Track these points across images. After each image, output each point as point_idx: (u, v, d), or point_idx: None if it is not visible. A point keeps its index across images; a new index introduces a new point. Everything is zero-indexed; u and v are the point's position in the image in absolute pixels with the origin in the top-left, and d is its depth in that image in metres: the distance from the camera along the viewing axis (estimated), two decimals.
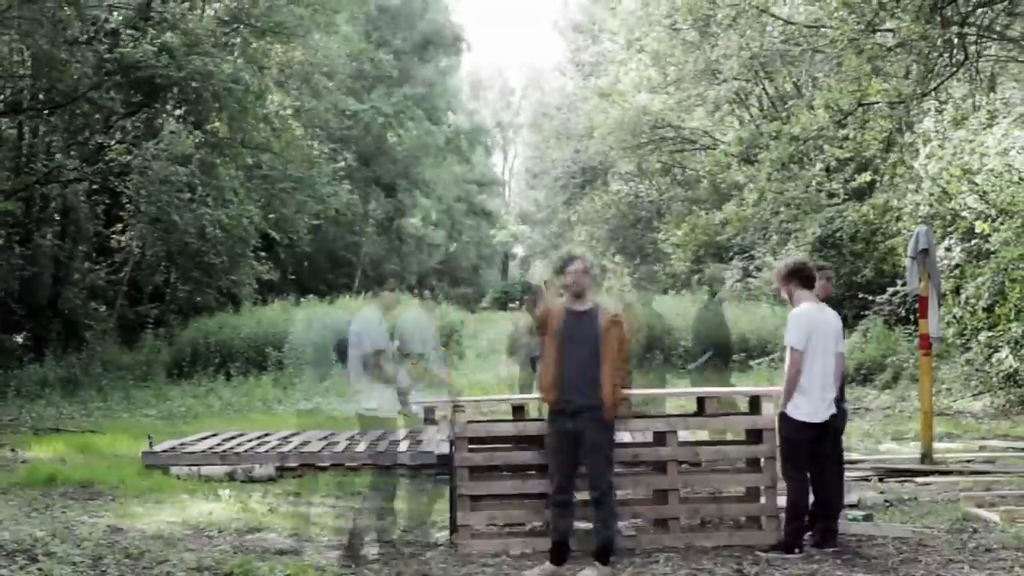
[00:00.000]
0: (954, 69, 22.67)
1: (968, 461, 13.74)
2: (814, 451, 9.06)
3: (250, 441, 15.01)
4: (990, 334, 20.23)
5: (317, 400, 23.61)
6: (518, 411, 10.34)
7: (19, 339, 26.72)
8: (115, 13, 26.29)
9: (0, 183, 24.03)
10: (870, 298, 25.82)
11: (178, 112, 27.95)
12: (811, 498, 9.13)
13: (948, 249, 21.30)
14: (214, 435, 15.79)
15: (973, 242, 21.49)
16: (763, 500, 9.51)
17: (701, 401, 9.98)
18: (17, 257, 25.66)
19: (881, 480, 12.66)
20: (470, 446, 9.41)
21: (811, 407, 8.95)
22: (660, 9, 34.03)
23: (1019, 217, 20.06)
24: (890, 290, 25.13)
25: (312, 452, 14.11)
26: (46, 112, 27.21)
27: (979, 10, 22.16)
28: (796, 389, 8.96)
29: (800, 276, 9.29)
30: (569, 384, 8.44)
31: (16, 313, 27.04)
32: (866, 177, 27.63)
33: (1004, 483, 12.18)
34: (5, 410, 21.33)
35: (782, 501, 9.26)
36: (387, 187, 51.65)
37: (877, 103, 25.08)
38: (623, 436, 10.72)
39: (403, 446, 14.26)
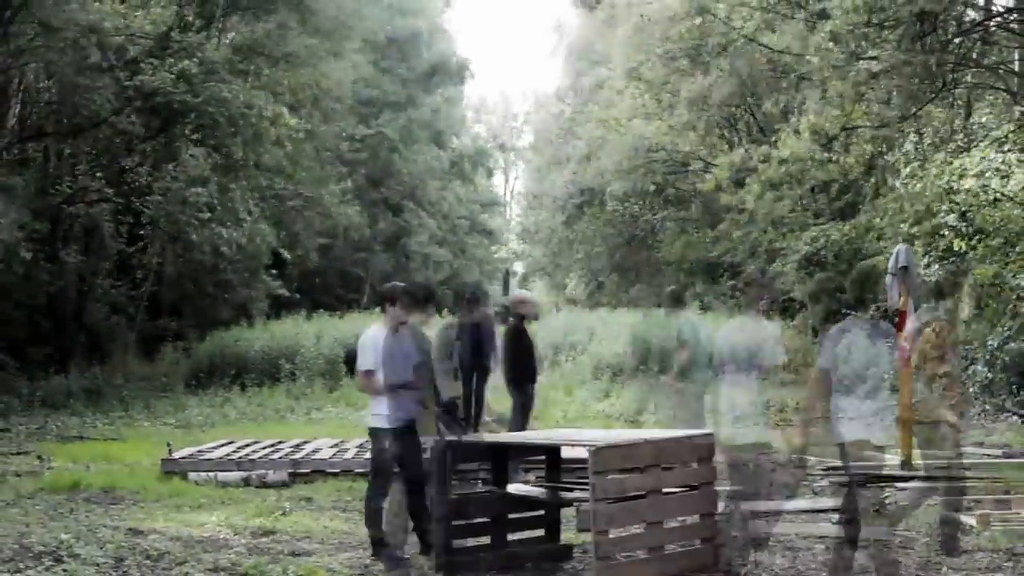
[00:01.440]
0: (933, 95, 22.73)
1: (946, 467, 13.75)
2: None
3: (264, 448, 15.06)
4: (967, 347, 20.28)
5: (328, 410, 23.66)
6: None
7: (45, 351, 26.71)
8: (136, 43, 26.32)
9: (28, 203, 24.06)
10: (853, 313, 25.83)
11: (195, 136, 28.01)
12: None
13: (927, 266, 21.33)
14: (230, 443, 15.83)
15: (951, 260, 21.53)
16: None
17: None
18: (43, 273, 25.69)
19: (863, 486, 12.67)
20: None
21: None
22: (654, 39, 34.07)
23: (995, 236, 20.11)
24: (872, 305, 25.13)
25: (323, 459, 14.16)
26: (70, 136, 27.27)
27: (957, 39, 22.24)
28: None
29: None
30: None
31: (42, 327, 27.08)
32: (849, 198, 27.70)
33: (980, 488, 12.21)
34: (32, 419, 21.36)
35: None
36: (394, 207, 51.68)
37: (860, 128, 25.16)
38: None
39: None
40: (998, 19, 23.38)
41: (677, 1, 31.50)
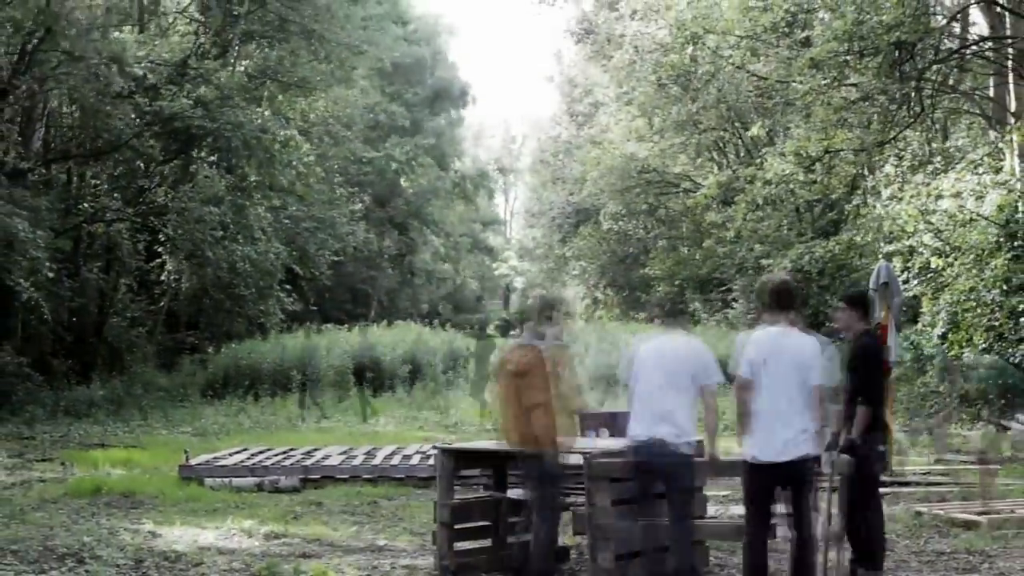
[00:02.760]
0: (911, 120, 22.79)
1: (925, 473, 13.77)
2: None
3: (276, 455, 15.05)
4: (944, 359, 20.31)
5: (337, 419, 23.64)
6: None
7: (68, 363, 26.73)
8: (156, 70, 26.41)
9: (51, 222, 24.08)
10: (836, 327, 25.85)
11: (212, 159, 28.07)
12: None
13: (906, 282, 21.36)
14: (244, 450, 15.82)
15: (929, 276, 21.57)
16: None
17: None
18: (66, 289, 25.68)
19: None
20: None
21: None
22: (646, 66, 34.16)
23: (970, 253, 20.14)
24: None
25: (332, 465, 14.15)
26: (92, 159, 27.34)
27: (934, 66, 22.29)
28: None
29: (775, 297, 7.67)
30: None
31: (65, 340, 27.10)
32: (832, 217, 27.70)
33: (957, 493, 12.22)
34: (56, 428, 21.33)
35: None
36: (400, 226, 51.79)
37: (842, 151, 25.19)
38: None
39: (415, 459, 14.30)
40: (974, 47, 23.45)
41: (667, 33, 31.53)
